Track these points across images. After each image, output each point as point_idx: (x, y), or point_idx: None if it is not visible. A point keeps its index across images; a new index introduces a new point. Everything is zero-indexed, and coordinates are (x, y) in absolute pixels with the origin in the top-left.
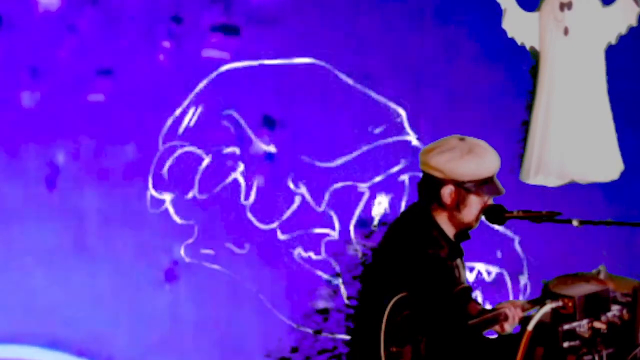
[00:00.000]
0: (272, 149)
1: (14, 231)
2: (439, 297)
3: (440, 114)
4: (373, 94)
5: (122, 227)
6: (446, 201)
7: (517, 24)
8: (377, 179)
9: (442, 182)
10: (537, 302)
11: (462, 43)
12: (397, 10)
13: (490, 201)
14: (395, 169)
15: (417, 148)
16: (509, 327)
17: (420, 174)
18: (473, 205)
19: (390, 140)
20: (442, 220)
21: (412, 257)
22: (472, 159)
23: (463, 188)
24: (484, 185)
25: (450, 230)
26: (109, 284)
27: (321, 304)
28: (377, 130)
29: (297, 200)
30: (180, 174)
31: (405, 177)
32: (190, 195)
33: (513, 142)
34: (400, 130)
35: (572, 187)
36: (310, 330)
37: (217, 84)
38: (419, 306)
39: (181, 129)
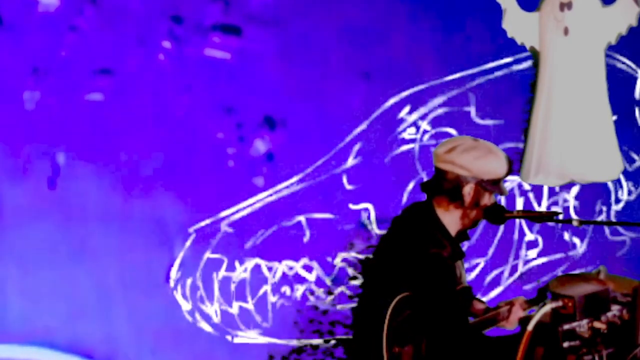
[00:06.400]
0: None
1: (14, 231)
2: (441, 297)
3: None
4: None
5: (122, 226)
6: (466, 199)
7: (517, 24)
8: None
9: (464, 181)
10: (536, 302)
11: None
12: (398, 9)
13: (493, 200)
14: None
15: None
16: (509, 326)
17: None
18: (484, 204)
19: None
20: (447, 219)
21: (414, 256)
22: (495, 158)
23: (481, 186)
24: (497, 184)
25: (453, 229)
26: (109, 284)
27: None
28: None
29: None
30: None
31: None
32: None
33: None
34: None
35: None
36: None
37: (218, 83)
38: (421, 306)
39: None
